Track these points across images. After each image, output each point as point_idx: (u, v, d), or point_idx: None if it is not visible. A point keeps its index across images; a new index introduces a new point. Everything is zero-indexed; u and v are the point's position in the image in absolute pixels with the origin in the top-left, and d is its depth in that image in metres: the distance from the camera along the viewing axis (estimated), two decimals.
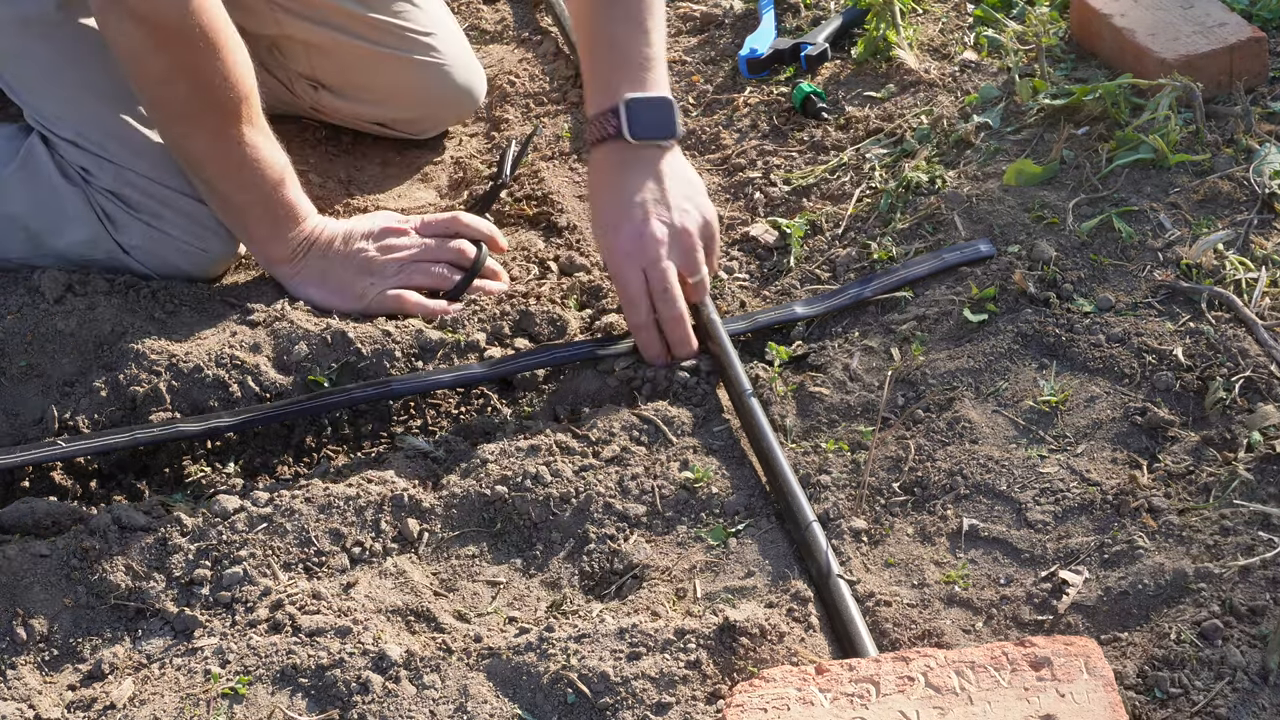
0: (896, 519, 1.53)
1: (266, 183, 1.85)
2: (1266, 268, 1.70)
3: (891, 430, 1.63)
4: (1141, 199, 1.83)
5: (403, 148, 2.29)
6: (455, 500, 1.60)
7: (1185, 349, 1.63)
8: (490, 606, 1.51)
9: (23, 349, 1.80)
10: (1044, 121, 2.00)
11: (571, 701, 1.35)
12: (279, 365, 1.79)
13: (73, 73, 1.89)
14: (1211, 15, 2.01)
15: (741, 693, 1.29)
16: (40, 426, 1.74)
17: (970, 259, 1.80)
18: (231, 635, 1.46)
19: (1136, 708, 1.29)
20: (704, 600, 1.47)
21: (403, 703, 1.37)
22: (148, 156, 1.89)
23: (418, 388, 1.74)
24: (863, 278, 1.83)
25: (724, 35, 2.46)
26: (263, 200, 1.86)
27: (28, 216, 1.92)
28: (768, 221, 2.00)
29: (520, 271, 1.98)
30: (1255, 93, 1.98)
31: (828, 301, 1.81)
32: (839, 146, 2.11)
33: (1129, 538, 1.45)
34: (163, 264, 1.93)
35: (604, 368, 1.77)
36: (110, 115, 1.89)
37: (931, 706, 1.25)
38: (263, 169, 1.84)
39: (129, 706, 1.41)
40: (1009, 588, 1.44)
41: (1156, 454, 1.54)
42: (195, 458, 1.73)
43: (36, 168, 1.92)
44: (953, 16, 2.33)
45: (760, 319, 1.80)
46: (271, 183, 1.85)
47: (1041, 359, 1.67)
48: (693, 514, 1.57)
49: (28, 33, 1.88)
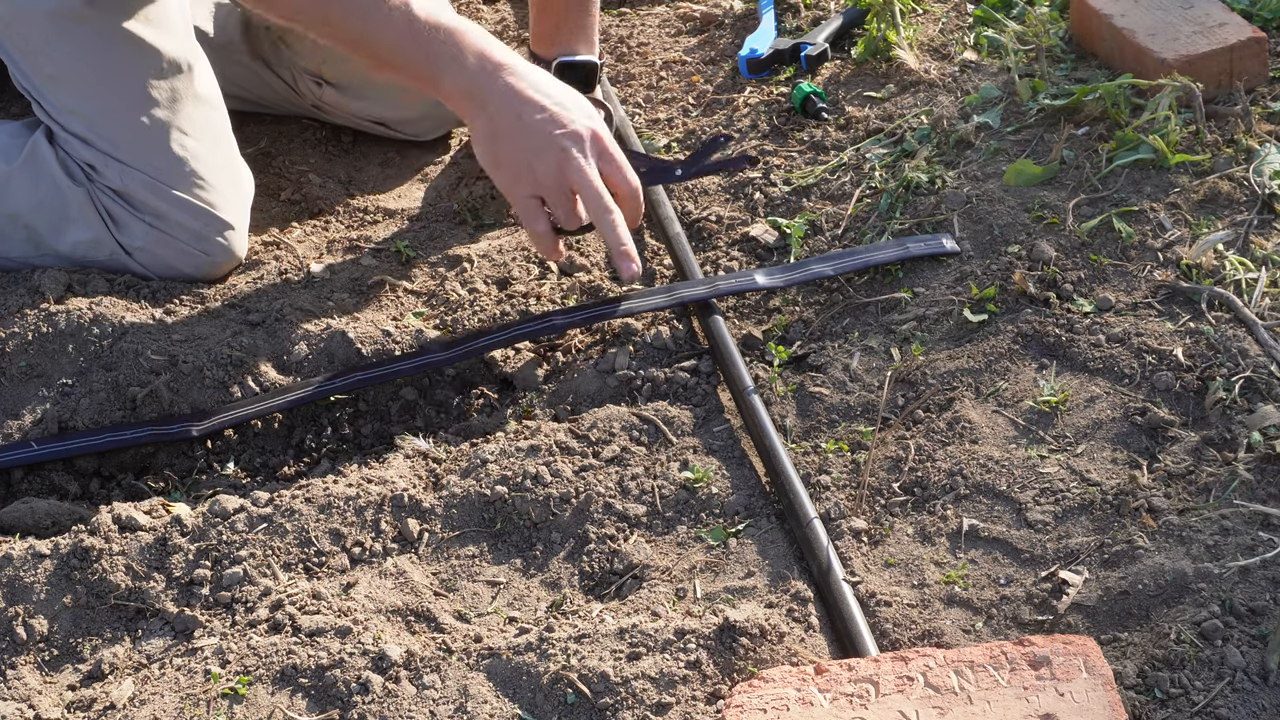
0: (896, 519, 1.53)
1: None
2: (1266, 268, 1.70)
3: (891, 430, 1.63)
4: (1141, 199, 1.83)
5: (403, 148, 2.30)
6: (455, 500, 1.60)
7: (1185, 349, 1.63)
8: (490, 606, 1.51)
9: (23, 349, 1.80)
10: (1044, 121, 2.00)
11: (571, 702, 1.35)
12: (279, 365, 1.79)
13: (93, 68, 1.89)
14: (1211, 15, 2.01)
15: (741, 693, 1.29)
16: (40, 426, 1.74)
17: (935, 252, 1.83)
18: (231, 635, 1.46)
19: (1136, 708, 1.29)
20: (704, 600, 1.47)
21: (403, 703, 1.37)
22: (156, 157, 1.90)
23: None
24: (824, 255, 1.87)
25: (724, 35, 2.46)
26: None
27: (30, 215, 1.93)
28: (768, 221, 2.00)
29: (520, 272, 1.98)
30: (1255, 93, 1.98)
31: (787, 274, 1.85)
32: (839, 146, 2.11)
33: (1129, 538, 1.45)
34: (165, 266, 1.93)
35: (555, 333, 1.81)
36: (124, 113, 1.89)
37: (931, 706, 1.25)
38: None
39: (129, 707, 1.41)
40: (1009, 588, 1.44)
41: (1156, 454, 1.54)
42: (195, 457, 1.73)
43: (40, 166, 1.93)
44: (953, 16, 2.33)
45: (721, 285, 1.83)
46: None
47: (1041, 359, 1.67)
48: (693, 514, 1.57)
49: (53, 25, 1.88)
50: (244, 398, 1.75)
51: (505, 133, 1.73)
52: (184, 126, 1.92)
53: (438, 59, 1.74)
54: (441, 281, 1.97)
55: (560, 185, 1.73)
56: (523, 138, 1.73)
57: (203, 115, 1.95)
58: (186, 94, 1.93)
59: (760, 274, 1.85)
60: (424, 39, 1.73)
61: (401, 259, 2.03)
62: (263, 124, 2.31)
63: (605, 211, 1.73)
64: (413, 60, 1.75)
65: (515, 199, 1.77)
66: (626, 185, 1.76)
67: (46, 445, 1.70)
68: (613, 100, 2.25)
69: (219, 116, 1.99)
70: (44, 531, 1.62)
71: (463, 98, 1.76)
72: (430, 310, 1.92)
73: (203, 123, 1.95)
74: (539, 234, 1.77)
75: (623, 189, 1.76)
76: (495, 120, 1.74)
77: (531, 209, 1.76)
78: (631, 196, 1.77)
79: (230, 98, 2.08)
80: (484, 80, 1.74)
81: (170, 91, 1.91)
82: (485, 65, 1.74)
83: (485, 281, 1.96)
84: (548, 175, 1.73)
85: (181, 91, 1.92)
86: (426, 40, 1.73)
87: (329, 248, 2.07)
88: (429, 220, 2.12)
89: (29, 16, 1.88)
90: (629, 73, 2.42)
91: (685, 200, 2.08)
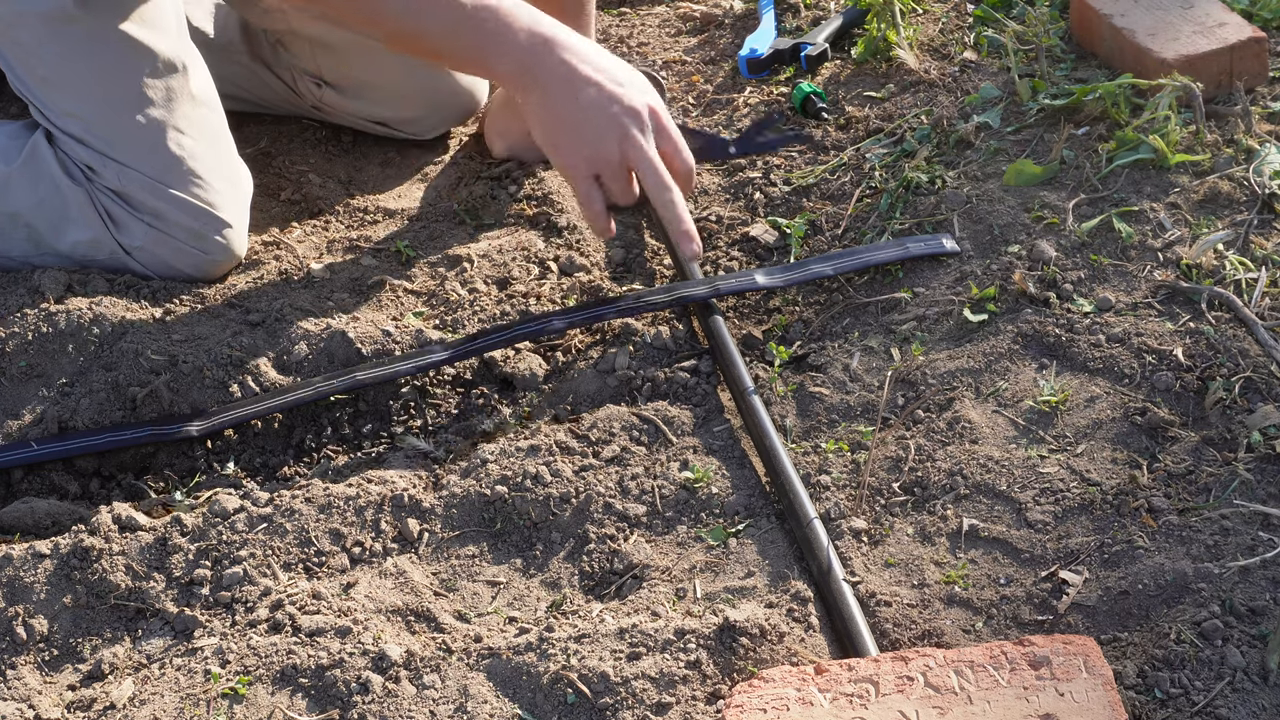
0: (896, 519, 1.53)
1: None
2: (1266, 268, 1.70)
3: (891, 430, 1.63)
4: (1141, 199, 1.83)
5: (403, 148, 2.30)
6: (455, 500, 1.60)
7: (1185, 349, 1.63)
8: (490, 606, 1.51)
9: (23, 349, 1.80)
10: (1044, 121, 2.00)
11: (571, 701, 1.35)
12: (279, 365, 1.79)
13: (87, 69, 1.89)
14: (1211, 15, 2.01)
15: (741, 693, 1.29)
16: (40, 427, 1.74)
17: (935, 252, 1.83)
18: (231, 635, 1.46)
19: (1136, 708, 1.29)
20: (704, 600, 1.47)
21: (403, 703, 1.37)
22: (153, 157, 1.90)
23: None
24: (824, 255, 1.87)
25: (724, 35, 2.46)
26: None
27: (30, 215, 1.93)
28: (768, 221, 2.00)
29: (520, 272, 1.98)
30: (1255, 93, 1.98)
31: (787, 274, 1.85)
32: (839, 146, 2.11)
33: (1129, 538, 1.45)
34: (164, 265, 1.93)
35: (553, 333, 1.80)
36: (120, 114, 1.89)
37: (931, 706, 1.25)
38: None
39: (129, 706, 1.41)
40: (1009, 588, 1.44)
41: (1156, 454, 1.54)
42: (195, 457, 1.73)
43: (40, 166, 1.93)
44: (953, 16, 2.33)
45: (721, 285, 1.83)
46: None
47: (1041, 359, 1.67)
48: (693, 514, 1.57)
49: (46, 27, 1.87)
50: (244, 398, 1.75)
51: (563, 114, 1.72)
52: (180, 126, 1.92)
53: (487, 42, 1.72)
54: (441, 281, 1.97)
55: (620, 163, 1.72)
56: (580, 117, 1.71)
57: (199, 115, 1.95)
58: (182, 93, 1.93)
59: (760, 274, 1.85)
60: (473, 23, 1.71)
61: (401, 259, 2.03)
62: (263, 124, 2.31)
63: (664, 190, 1.72)
64: (463, 46, 1.74)
65: (575, 179, 1.76)
66: (683, 163, 1.76)
67: (46, 445, 1.70)
68: None
69: (215, 116, 1.99)
70: (44, 531, 1.62)
71: (517, 79, 1.74)
72: (430, 310, 1.92)
73: (199, 122, 1.95)
74: (595, 213, 1.76)
75: (678, 167, 1.76)
76: (552, 100, 1.72)
77: (590, 189, 1.75)
78: (686, 174, 1.76)
79: (230, 98, 2.08)
80: (536, 59, 1.72)
81: (165, 91, 1.91)
82: (535, 42, 1.72)
83: (485, 281, 1.96)
84: (609, 154, 1.71)
85: (177, 91, 1.92)
86: (475, 24, 1.71)
87: (329, 248, 2.07)
88: (429, 220, 2.12)
89: (20, 18, 1.88)
90: None
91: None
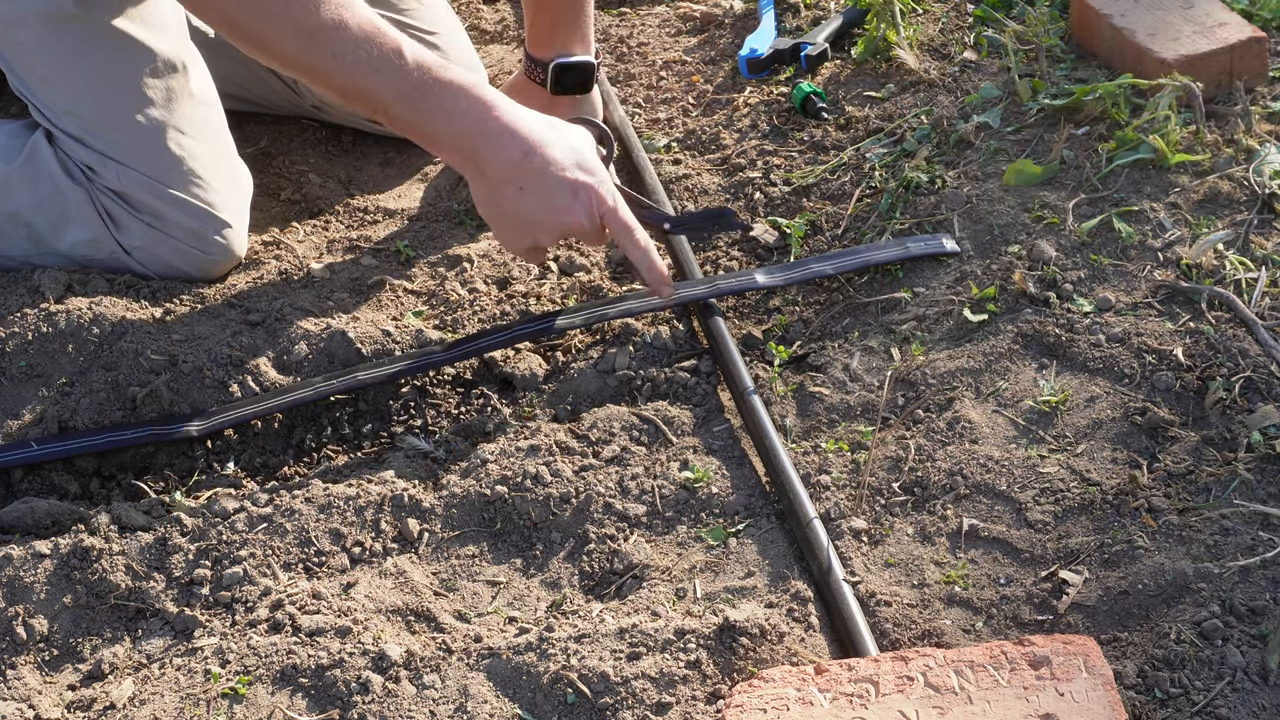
0: (896, 519, 1.53)
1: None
2: (1266, 268, 1.70)
3: (891, 430, 1.63)
4: (1141, 199, 1.83)
5: (403, 148, 2.29)
6: (455, 500, 1.60)
7: (1185, 349, 1.63)
8: (490, 606, 1.51)
9: (23, 349, 1.80)
10: (1044, 121, 2.00)
11: (571, 701, 1.35)
12: (279, 365, 1.79)
13: (86, 69, 1.89)
14: (1211, 15, 2.01)
15: (741, 693, 1.29)
16: (40, 426, 1.74)
17: (935, 252, 1.83)
18: (231, 635, 1.46)
19: (1136, 708, 1.29)
20: (704, 600, 1.47)
21: (403, 703, 1.37)
22: (153, 157, 1.89)
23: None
24: (824, 254, 1.87)
25: (724, 35, 2.46)
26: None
27: (30, 214, 1.92)
28: (768, 221, 2.00)
29: (520, 272, 1.98)
30: (1255, 93, 1.98)
31: (787, 273, 1.85)
32: (839, 146, 2.11)
33: (1129, 538, 1.45)
34: (164, 265, 1.93)
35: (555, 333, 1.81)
36: (120, 114, 1.89)
37: (931, 706, 1.25)
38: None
39: (129, 706, 1.41)
40: (1009, 587, 1.44)
41: (1156, 454, 1.54)
42: (195, 457, 1.73)
43: (40, 166, 1.92)
44: (953, 16, 2.33)
45: (721, 285, 1.83)
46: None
47: (1041, 359, 1.67)
48: (693, 514, 1.57)
49: (46, 26, 1.87)
50: (244, 397, 1.75)
51: (506, 209, 1.69)
52: (180, 126, 1.92)
53: (429, 121, 1.65)
54: (441, 281, 1.97)
55: (565, 238, 1.76)
56: (520, 220, 1.70)
57: (199, 114, 1.95)
58: (182, 93, 1.93)
59: (760, 274, 1.85)
60: (419, 91, 1.63)
61: (401, 259, 2.03)
62: (263, 124, 2.31)
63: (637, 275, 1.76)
64: (406, 121, 1.66)
65: (517, 254, 1.80)
66: (632, 250, 1.73)
67: (46, 445, 1.70)
68: (612, 100, 2.25)
69: (215, 115, 1.98)
70: (44, 531, 1.62)
71: (460, 164, 1.70)
72: (430, 310, 1.92)
73: (199, 122, 1.95)
74: (541, 262, 1.86)
75: (627, 251, 1.73)
76: (492, 185, 1.68)
77: (535, 256, 1.77)
78: (637, 259, 1.73)
79: (230, 97, 2.08)
80: (479, 146, 1.65)
81: (165, 91, 1.91)
82: (480, 128, 1.65)
83: (485, 281, 1.96)
84: (547, 239, 1.72)
85: (177, 91, 1.92)
86: (420, 92, 1.63)
87: (329, 247, 2.07)
88: (429, 220, 2.12)
89: (20, 18, 1.88)
90: (629, 73, 2.42)
91: (685, 200, 2.08)
